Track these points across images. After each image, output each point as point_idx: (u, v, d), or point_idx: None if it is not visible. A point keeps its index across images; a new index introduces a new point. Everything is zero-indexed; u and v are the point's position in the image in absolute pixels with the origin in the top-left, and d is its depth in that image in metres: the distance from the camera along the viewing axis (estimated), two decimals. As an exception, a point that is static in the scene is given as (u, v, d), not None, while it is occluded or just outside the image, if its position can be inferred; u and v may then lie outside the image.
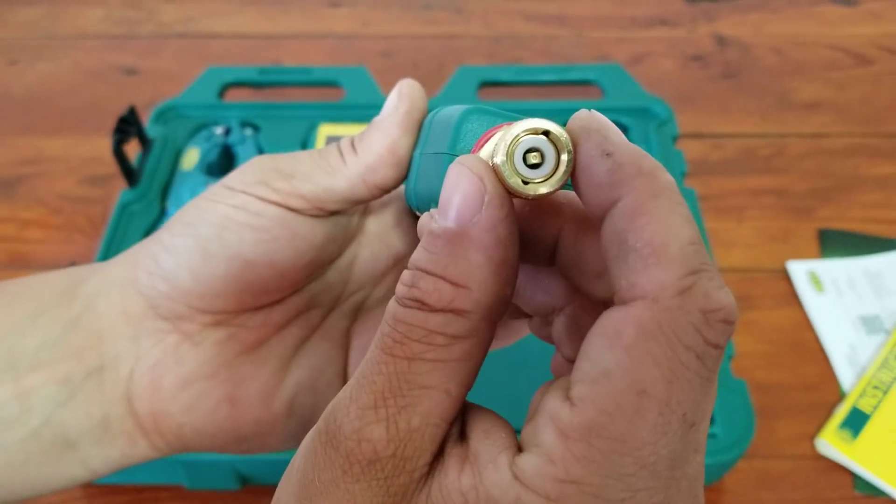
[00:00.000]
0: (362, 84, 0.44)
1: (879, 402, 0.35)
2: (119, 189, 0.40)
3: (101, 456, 0.18)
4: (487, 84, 0.45)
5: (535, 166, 0.12)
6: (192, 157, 0.41)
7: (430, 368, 0.12)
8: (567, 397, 0.11)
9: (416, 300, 0.12)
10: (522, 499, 0.10)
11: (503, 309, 0.12)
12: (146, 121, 0.43)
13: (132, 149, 0.40)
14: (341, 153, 0.18)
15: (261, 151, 0.42)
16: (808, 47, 0.54)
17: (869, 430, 0.34)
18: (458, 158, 0.12)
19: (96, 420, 0.17)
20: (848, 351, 0.37)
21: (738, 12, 0.57)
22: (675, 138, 0.42)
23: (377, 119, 0.18)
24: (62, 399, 0.17)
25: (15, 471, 0.17)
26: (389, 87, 0.51)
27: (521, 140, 0.12)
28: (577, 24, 0.57)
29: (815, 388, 0.36)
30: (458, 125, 0.14)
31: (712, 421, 0.31)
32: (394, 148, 0.17)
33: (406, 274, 0.12)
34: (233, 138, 0.42)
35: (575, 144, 0.12)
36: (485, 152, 0.13)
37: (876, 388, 0.35)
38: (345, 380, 0.20)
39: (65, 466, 0.17)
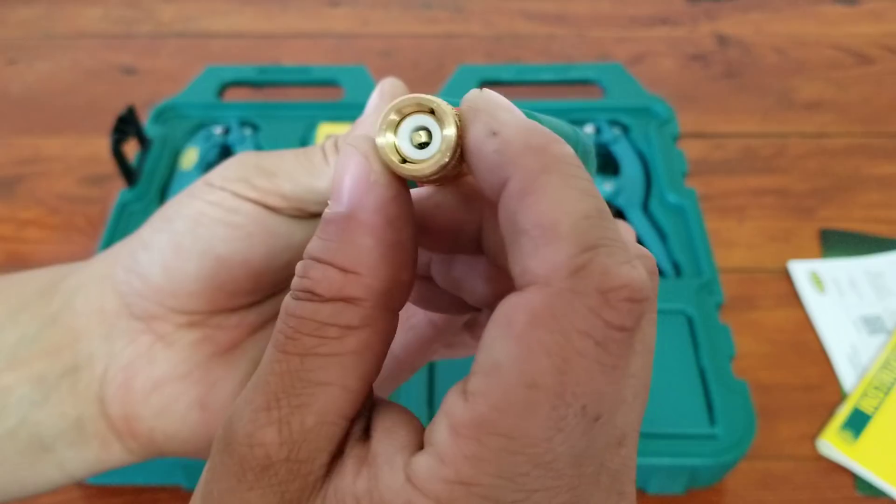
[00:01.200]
0: (362, 83, 0.44)
1: (881, 402, 0.35)
2: (118, 189, 0.39)
3: (77, 459, 0.17)
4: (488, 83, 0.45)
5: (423, 145, 0.11)
6: (191, 157, 0.41)
7: (324, 363, 0.11)
8: (463, 391, 0.10)
9: (307, 290, 0.11)
10: (413, 502, 0.10)
11: (402, 295, 0.12)
12: (145, 120, 0.42)
13: (131, 148, 0.40)
14: (325, 154, 0.17)
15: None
16: (809, 47, 0.54)
17: (870, 430, 0.34)
18: (346, 138, 0.12)
19: (70, 421, 0.17)
20: (849, 351, 0.37)
21: (739, 11, 0.57)
22: (676, 138, 0.42)
23: (360, 119, 0.18)
24: (37, 399, 0.17)
25: None
26: (389, 86, 0.50)
27: (405, 117, 0.11)
28: (577, 23, 0.57)
29: (817, 389, 0.36)
30: None
31: (713, 421, 0.31)
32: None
33: (299, 264, 0.12)
34: (232, 138, 0.42)
35: (464, 125, 0.11)
36: (373, 129, 0.12)
37: (877, 388, 0.35)
38: None
39: (41, 469, 0.17)
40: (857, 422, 0.34)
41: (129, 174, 0.39)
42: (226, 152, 0.42)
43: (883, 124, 0.49)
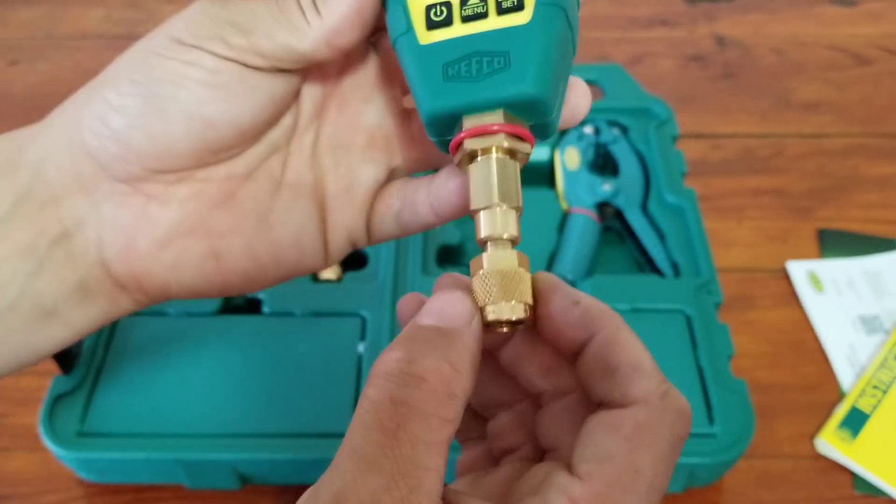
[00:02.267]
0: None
1: (879, 401, 0.35)
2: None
3: (84, 316, 0.17)
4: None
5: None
6: (192, 158, 0.41)
7: (429, 450, 0.13)
8: (574, 475, 0.14)
9: (418, 376, 0.13)
10: None
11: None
12: (147, 121, 0.43)
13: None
14: (303, 11, 0.16)
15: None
16: (807, 47, 0.54)
17: (868, 429, 0.34)
18: (451, 282, 0.16)
19: (72, 285, 0.17)
20: (847, 351, 0.37)
21: (737, 12, 0.57)
22: (674, 138, 0.42)
23: None
24: (31, 269, 0.17)
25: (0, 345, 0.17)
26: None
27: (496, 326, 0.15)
28: (576, 24, 0.57)
29: (815, 388, 0.36)
30: (428, 129, 0.16)
31: (712, 420, 0.31)
32: (360, 9, 0.16)
33: (397, 352, 0.14)
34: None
35: (541, 299, 0.16)
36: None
37: (875, 387, 0.35)
38: (325, 236, 0.19)
39: (49, 332, 0.17)
40: (855, 421, 0.34)
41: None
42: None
43: (881, 125, 0.49)
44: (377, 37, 0.18)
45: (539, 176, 0.42)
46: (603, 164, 0.43)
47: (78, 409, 0.32)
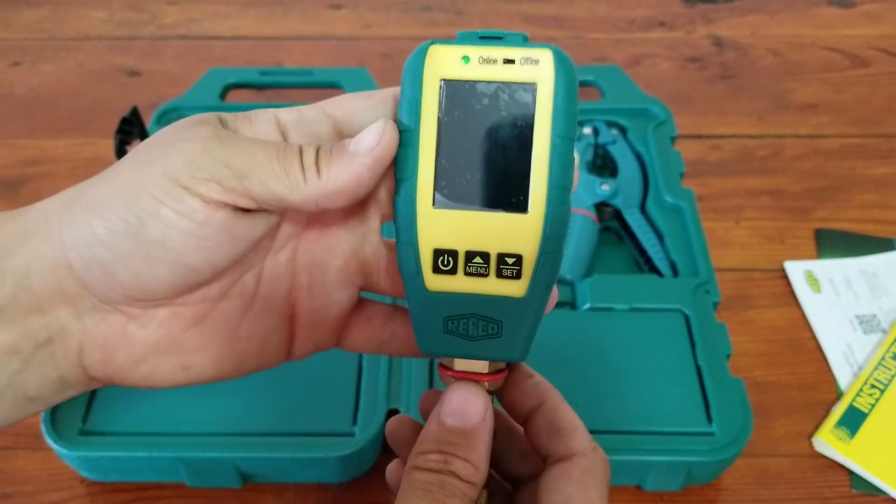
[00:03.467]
0: (363, 85, 0.45)
1: (877, 400, 0.35)
2: (122, 190, 0.40)
3: (62, 397, 0.19)
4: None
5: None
6: (194, 158, 0.41)
7: None
8: None
9: (453, 474, 0.18)
10: None
11: None
12: (148, 122, 0.43)
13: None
14: (303, 169, 0.17)
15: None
16: (805, 49, 0.55)
17: (866, 428, 0.34)
18: (465, 389, 0.19)
19: (53, 379, 0.19)
20: (845, 350, 0.38)
21: (735, 14, 0.58)
22: (673, 139, 0.43)
23: (352, 150, 0.18)
24: (16, 367, 0.18)
25: None
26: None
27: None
28: (575, 25, 0.57)
29: (813, 387, 0.36)
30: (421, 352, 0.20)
31: (710, 419, 0.31)
32: (359, 184, 0.18)
33: (435, 455, 0.19)
34: (234, 139, 0.43)
35: (511, 385, 0.21)
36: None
37: (873, 386, 0.35)
38: (289, 344, 0.21)
39: (29, 410, 0.19)
40: (853, 420, 0.34)
41: (133, 175, 0.39)
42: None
43: (878, 126, 0.49)
44: None
45: (538, 176, 0.43)
46: (602, 164, 0.43)
47: (80, 407, 0.32)
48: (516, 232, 0.18)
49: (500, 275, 0.18)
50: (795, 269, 0.41)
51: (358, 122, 0.19)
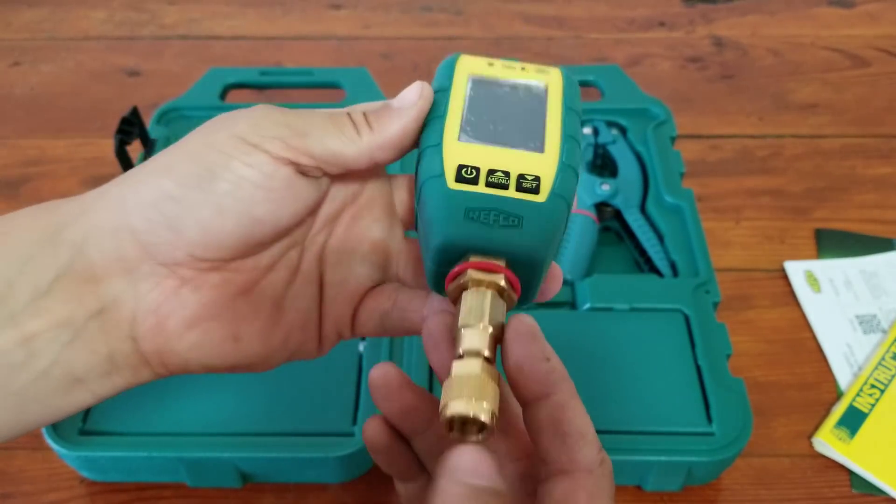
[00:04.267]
0: (363, 85, 0.45)
1: (877, 400, 0.35)
2: (122, 189, 0.40)
3: (107, 385, 0.19)
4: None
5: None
6: (194, 158, 0.41)
7: None
8: None
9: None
10: None
11: None
12: (148, 122, 0.43)
13: (134, 149, 0.40)
14: (355, 125, 0.19)
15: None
16: (805, 49, 0.55)
17: (866, 428, 0.34)
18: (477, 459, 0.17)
19: (101, 357, 0.18)
20: (845, 350, 0.38)
21: (735, 14, 0.58)
22: (673, 139, 0.43)
23: (395, 104, 0.20)
24: (66, 339, 0.18)
25: (27, 407, 0.18)
26: (390, 88, 0.51)
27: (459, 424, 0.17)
28: (575, 25, 0.57)
29: (813, 387, 0.36)
30: (437, 254, 0.19)
31: (710, 419, 0.31)
32: (406, 134, 0.19)
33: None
34: (234, 139, 0.43)
35: (517, 342, 0.18)
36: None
37: (873, 386, 0.35)
38: (321, 321, 0.21)
39: (74, 398, 0.18)
40: (853, 420, 0.34)
41: (133, 175, 0.39)
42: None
43: (878, 126, 0.49)
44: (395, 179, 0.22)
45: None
46: (602, 164, 0.43)
47: (80, 407, 0.32)
48: (534, 162, 0.19)
49: (519, 188, 0.19)
50: (795, 269, 0.41)
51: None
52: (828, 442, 0.34)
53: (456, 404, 0.16)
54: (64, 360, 0.18)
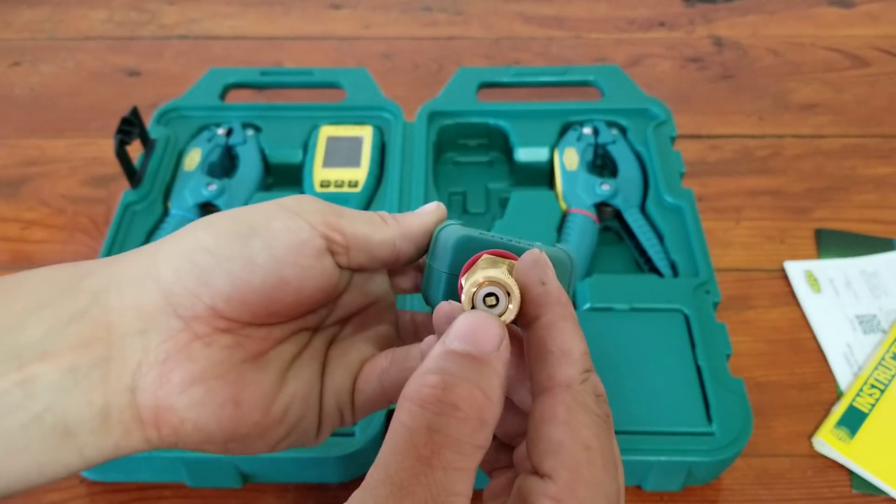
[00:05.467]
0: (363, 85, 0.45)
1: (877, 400, 0.35)
2: (122, 189, 0.40)
3: (97, 445, 0.18)
4: (487, 85, 0.45)
5: (492, 305, 0.18)
6: (194, 158, 0.42)
7: (460, 477, 0.14)
8: (541, 476, 0.15)
9: (453, 404, 0.15)
10: None
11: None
12: (148, 122, 0.43)
13: (134, 149, 0.40)
14: (383, 218, 0.22)
15: (262, 152, 0.42)
16: (805, 49, 0.55)
17: (866, 428, 0.34)
18: (476, 314, 0.17)
19: (96, 409, 0.18)
20: (845, 350, 0.38)
21: (735, 14, 0.58)
22: (673, 139, 0.43)
23: (417, 210, 0.23)
24: (66, 386, 0.18)
25: (14, 457, 0.17)
26: (390, 88, 0.51)
27: (481, 288, 0.17)
28: (575, 25, 0.57)
29: (813, 387, 0.36)
30: (453, 250, 0.20)
31: (710, 419, 0.31)
32: (426, 231, 0.22)
33: (432, 378, 0.15)
34: (234, 139, 0.43)
35: (522, 275, 0.18)
36: (465, 296, 0.18)
37: (873, 386, 0.35)
38: (322, 396, 0.22)
39: (61, 454, 0.18)
40: (853, 420, 0.34)
41: (133, 175, 0.39)
42: (228, 153, 0.43)
43: (878, 126, 0.49)
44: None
45: (538, 176, 0.43)
46: (602, 164, 0.43)
47: (80, 407, 0.32)
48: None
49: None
50: (795, 269, 0.41)
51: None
52: (828, 442, 0.34)
53: (482, 273, 0.17)
54: (59, 406, 0.17)
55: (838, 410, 0.35)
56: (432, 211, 0.22)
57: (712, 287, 0.36)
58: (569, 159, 0.42)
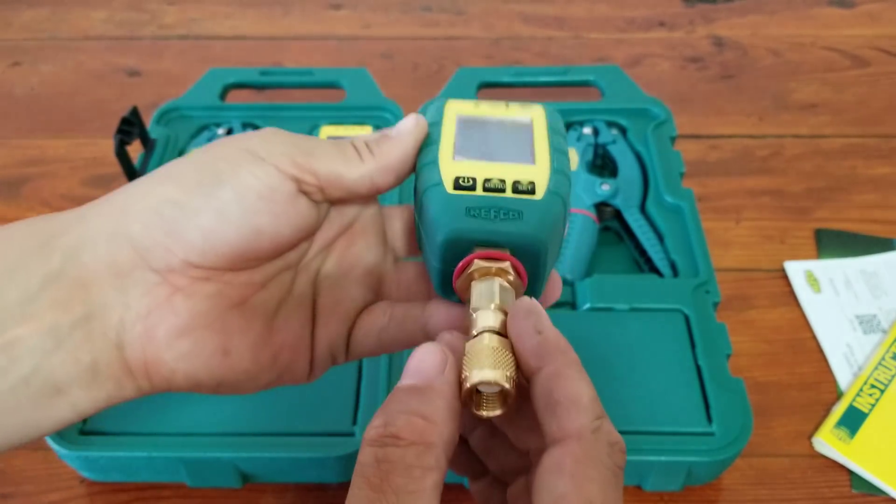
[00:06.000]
0: (363, 85, 0.45)
1: (877, 400, 0.35)
2: (122, 189, 0.40)
3: (89, 398, 0.18)
4: (487, 85, 0.45)
5: (491, 394, 0.17)
6: (194, 158, 0.42)
7: (414, 498, 0.15)
8: None
9: (394, 436, 0.15)
10: None
11: (454, 448, 0.16)
12: (148, 122, 0.43)
13: (134, 149, 0.40)
14: (358, 151, 0.20)
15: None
16: (805, 49, 0.55)
17: (866, 428, 0.34)
18: (423, 346, 0.17)
19: (84, 366, 0.18)
20: (845, 350, 0.38)
21: (735, 14, 0.58)
22: (673, 139, 0.43)
23: (393, 133, 0.21)
24: (49, 347, 0.17)
25: (7, 417, 0.17)
26: (390, 88, 0.51)
27: (475, 389, 0.17)
28: (575, 25, 0.57)
29: (813, 387, 0.36)
30: (442, 248, 0.19)
31: (710, 419, 0.31)
32: (404, 159, 0.20)
33: (377, 420, 0.16)
34: (234, 139, 0.43)
35: (516, 329, 0.18)
36: (463, 393, 0.17)
37: (873, 387, 0.35)
38: (313, 343, 0.21)
39: (54, 410, 0.18)
40: (853, 420, 0.34)
41: (133, 175, 0.39)
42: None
43: (878, 126, 0.49)
44: (388, 210, 0.23)
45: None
46: (601, 164, 0.43)
47: (80, 407, 0.32)
48: (527, 171, 0.20)
49: (515, 191, 0.19)
50: (795, 269, 0.41)
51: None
52: (828, 442, 0.34)
53: (476, 373, 0.16)
54: (46, 367, 0.17)
55: (838, 410, 0.35)
56: (410, 131, 0.20)
57: (712, 287, 0.36)
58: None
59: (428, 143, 0.21)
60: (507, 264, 0.18)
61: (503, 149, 0.21)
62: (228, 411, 0.32)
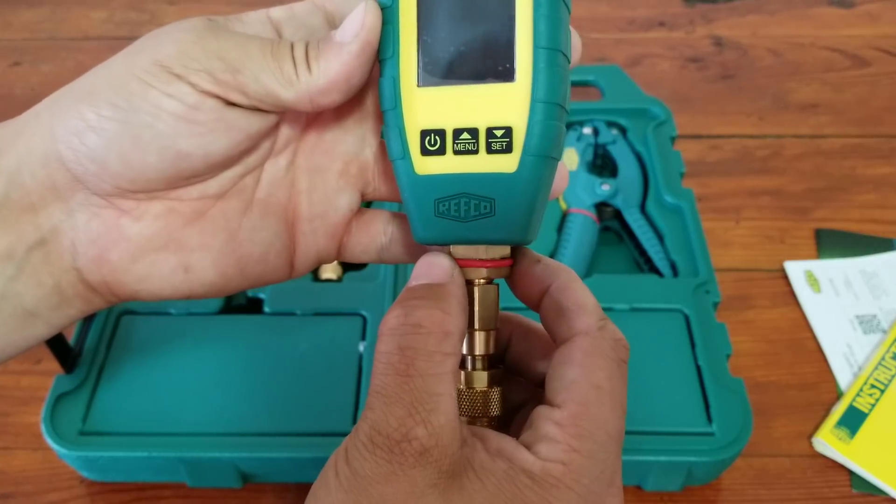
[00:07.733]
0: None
1: (877, 400, 0.35)
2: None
3: (61, 316, 0.18)
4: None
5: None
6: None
7: (438, 380, 0.16)
8: (552, 405, 0.17)
9: (415, 324, 0.16)
10: (547, 467, 0.16)
11: (463, 340, 0.18)
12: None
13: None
14: (295, 64, 0.17)
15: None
16: (805, 49, 0.55)
17: (866, 428, 0.34)
18: (430, 253, 0.18)
19: (49, 288, 0.18)
20: (845, 350, 0.38)
21: (735, 14, 0.58)
22: (673, 139, 0.43)
23: (338, 40, 0.17)
24: (10, 273, 0.17)
25: None
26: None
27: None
28: (575, 25, 0.57)
29: (813, 387, 0.36)
30: (418, 241, 0.19)
31: (710, 419, 0.31)
32: (349, 77, 0.17)
33: (394, 312, 0.17)
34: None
35: (518, 271, 0.19)
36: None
37: (873, 387, 0.35)
38: (292, 252, 0.20)
39: (29, 331, 0.18)
40: (853, 420, 0.34)
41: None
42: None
43: (878, 126, 0.49)
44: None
45: (538, 176, 0.43)
46: (602, 164, 0.43)
47: (80, 408, 0.32)
48: (504, 102, 0.17)
49: (490, 150, 0.17)
50: (795, 269, 0.41)
51: (348, 9, 0.18)
52: (828, 442, 0.34)
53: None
54: (12, 293, 0.17)
55: (838, 410, 0.35)
56: (355, 37, 0.17)
57: (712, 287, 0.36)
58: (569, 159, 0.42)
59: (386, 22, 0.17)
60: (482, 271, 0.18)
61: (476, 47, 0.17)
62: (229, 411, 0.32)
